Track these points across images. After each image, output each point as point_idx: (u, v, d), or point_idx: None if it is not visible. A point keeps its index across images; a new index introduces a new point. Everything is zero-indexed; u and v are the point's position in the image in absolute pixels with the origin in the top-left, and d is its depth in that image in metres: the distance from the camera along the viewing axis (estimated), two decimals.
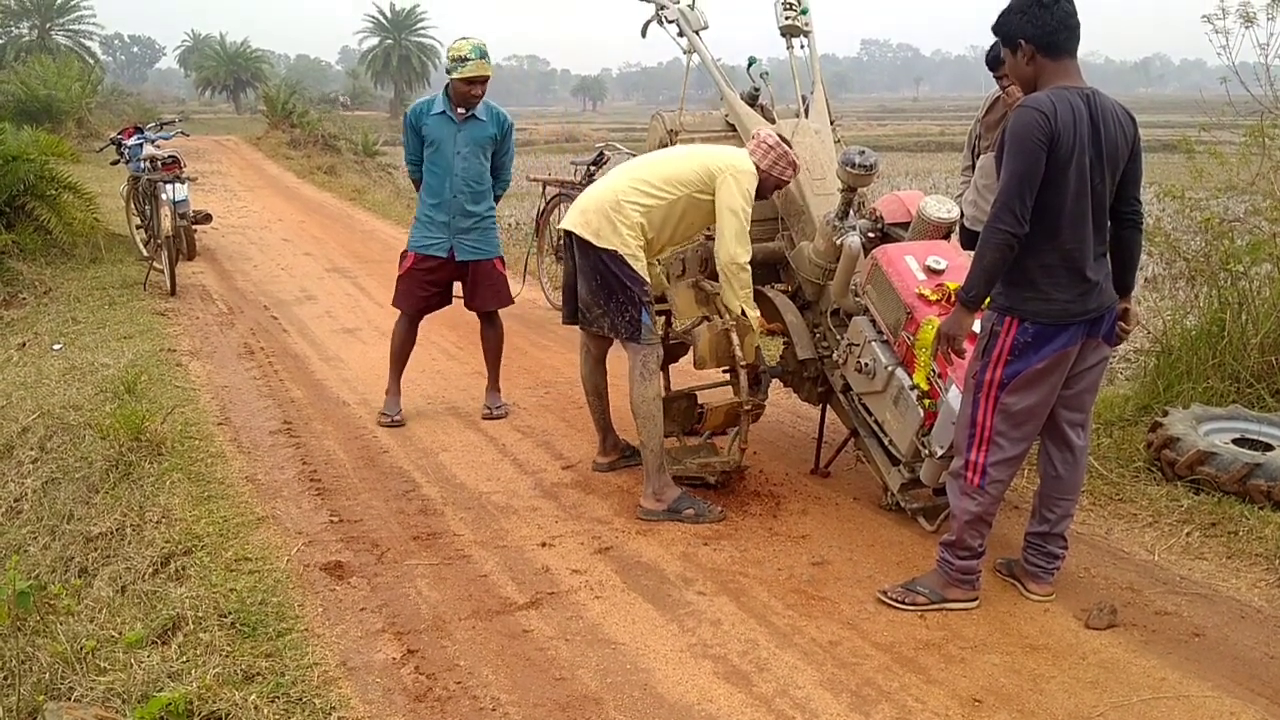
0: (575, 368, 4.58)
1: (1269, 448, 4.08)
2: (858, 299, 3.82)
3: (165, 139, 9.47)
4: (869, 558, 3.57)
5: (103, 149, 10.77)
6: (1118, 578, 3.42)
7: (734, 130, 4.50)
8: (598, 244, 3.88)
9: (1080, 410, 3.14)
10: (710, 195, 3.88)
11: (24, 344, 6.95)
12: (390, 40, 58.72)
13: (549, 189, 7.82)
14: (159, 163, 8.66)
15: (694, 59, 4.47)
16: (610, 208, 3.89)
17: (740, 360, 3.86)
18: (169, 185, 8.44)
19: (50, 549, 4.21)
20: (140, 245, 9.43)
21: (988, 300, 3.01)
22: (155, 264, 8.57)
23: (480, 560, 3.58)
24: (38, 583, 3.61)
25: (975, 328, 3.12)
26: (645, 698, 2.75)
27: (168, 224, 8.13)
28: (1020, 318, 2.94)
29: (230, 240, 11.27)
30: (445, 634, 3.07)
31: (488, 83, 4.81)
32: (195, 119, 34.00)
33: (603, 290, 3.93)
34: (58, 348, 6.66)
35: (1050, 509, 3.23)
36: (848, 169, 3.76)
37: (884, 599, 3.24)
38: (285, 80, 44.17)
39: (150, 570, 3.62)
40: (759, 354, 4.18)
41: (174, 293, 8.15)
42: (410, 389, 5.44)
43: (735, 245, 3.84)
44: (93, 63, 39.50)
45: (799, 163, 3.99)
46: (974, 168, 4.81)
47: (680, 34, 4.44)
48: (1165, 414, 4.29)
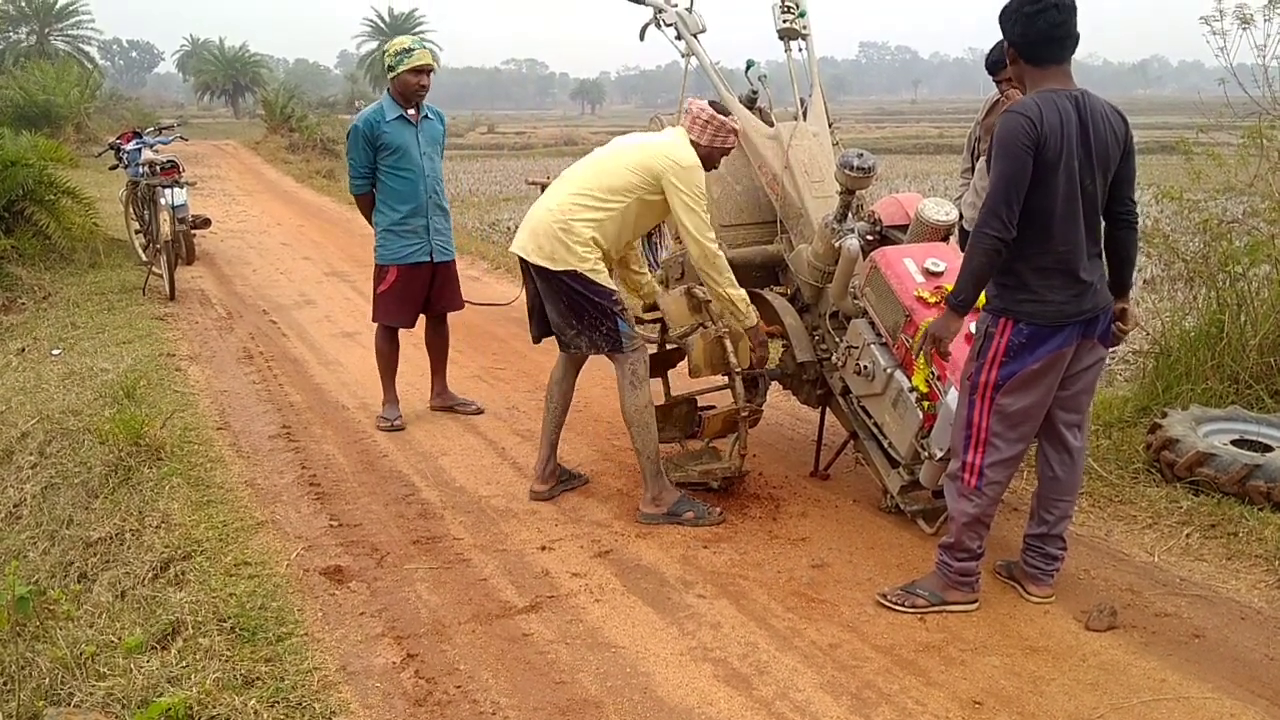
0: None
1: (1268, 449, 4.08)
2: (856, 301, 3.82)
3: (164, 144, 9.49)
4: (869, 560, 3.57)
5: (101, 154, 10.78)
6: (1117, 579, 3.42)
7: None
8: (554, 268, 3.79)
9: (1077, 411, 3.14)
10: (659, 194, 3.78)
11: (23, 349, 6.96)
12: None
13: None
14: (158, 167, 8.66)
15: (692, 62, 4.47)
16: (559, 229, 3.78)
17: (736, 367, 3.86)
18: (168, 190, 8.47)
19: (50, 554, 4.21)
20: (139, 250, 9.44)
21: (982, 301, 3.01)
22: (154, 269, 8.58)
23: (480, 564, 3.58)
24: (37, 588, 3.62)
25: (972, 329, 3.13)
26: (645, 701, 2.75)
27: (167, 229, 8.15)
28: (1015, 319, 2.94)
29: (229, 245, 11.28)
30: (445, 638, 3.07)
31: (433, 73, 4.81)
32: (194, 123, 34.06)
33: (572, 311, 3.85)
34: (57, 353, 6.66)
35: (1048, 510, 3.23)
36: (846, 171, 3.75)
37: (884, 601, 3.24)
38: (284, 84, 44.12)
39: (150, 575, 3.62)
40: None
41: (173, 297, 8.16)
42: (409, 393, 5.44)
43: (701, 238, 3.74)
44: (91, 68, 39.58)
45: (738, 125, 3.89)
46: (973, 170, 4.82)
47: (678, 37, 4.44)
48: (1164, 415, 4.29)
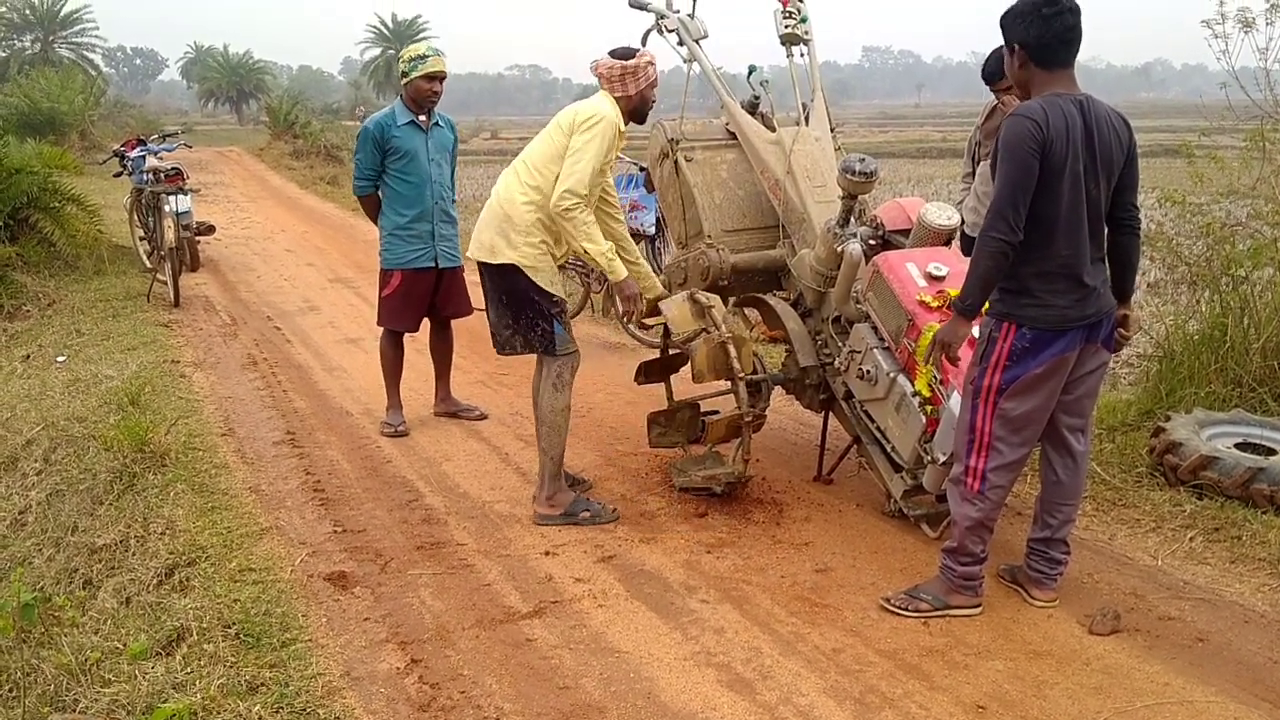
0: (581, 376, 4.36)
1: (1272, 452, 4.07)
2: (859, 306, 3.82)
3: (168, 151, 9.51)
4: (872, 565, 3.57)
5: (106, 161, 10.82)
6: (1121, 583, 3.41)
7: (734, 138, 4.51)
8: (494, 261, 3.77)
9: (1080, 415, 3.14)
10: None
11: (28, 356, 6.98)
12: (392, 50, 59.10)
13: None
14: (162, 174, 8.70)
15: (694, 68, 4.48)
16: (500, 220, 3.75)
17: (739, 372, 3.86)
18: (172, 197, 8.49)
19: (55, 561, 4.21)
20: (144, 257, 9.46)
21: (986, 305, 3.01)
22: (159, 275, 8.59)
23: (484, 569, 3.58)
24: (42, 594, 3.61)
25: (975, 332, 3.13)
26: (649, 706, 2.75)
27: (171, 235, 8.17)
28: (1018, 323, 2.94)
29: (233, 251, 11.31)
30: (449, 643, 3.08)
31: (445, 80, 4.83)
32: (198, 130, 34.11)
33: (509, 309, 3.82)
34: (62, 360, 6.68)
35: (1052, 514, 3.23)
36: (848, 176, 3.76)
37: (887, 606, 3.24)
38: (288, 91, 44.33)
39: (154, 581, 3.62)
40: (760, 362, 4.19)
41: (177, 304, 8.17)
42: (413, 399, 5.45)
43: (564, 187, 3.58)
44: (96, 75, 39.77)
45: (649, 56, 3.81)
46: (974, 174, 4.82)
47: (680, 43, 4.45)
48: (1168, 419, 4.29)
